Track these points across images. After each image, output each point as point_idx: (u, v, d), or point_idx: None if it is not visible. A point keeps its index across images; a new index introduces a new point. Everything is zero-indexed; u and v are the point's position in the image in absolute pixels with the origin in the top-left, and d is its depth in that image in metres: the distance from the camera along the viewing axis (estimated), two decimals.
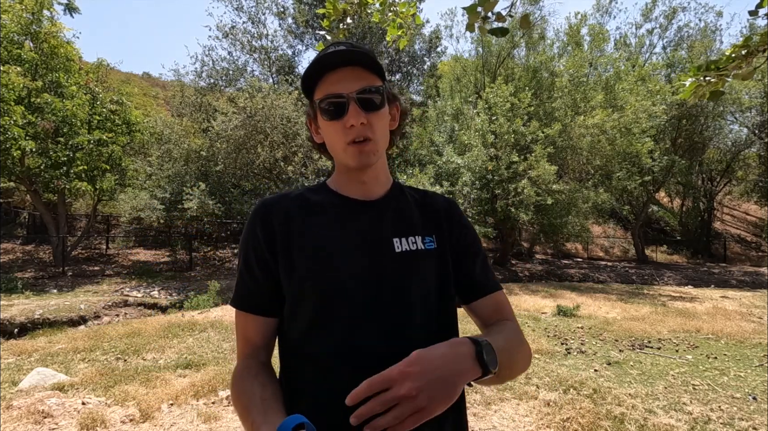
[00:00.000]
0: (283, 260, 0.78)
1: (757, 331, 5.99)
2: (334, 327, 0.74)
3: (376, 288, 0.76)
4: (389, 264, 0.79)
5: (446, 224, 0.89)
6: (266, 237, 0.79)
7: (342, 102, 0.76)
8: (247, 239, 0.81)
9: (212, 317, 6.59)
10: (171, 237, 16.57)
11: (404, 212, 0.87)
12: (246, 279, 0.81)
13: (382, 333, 0.74)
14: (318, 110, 0.80)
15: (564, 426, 2.90)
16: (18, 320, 7.54)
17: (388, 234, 0.82)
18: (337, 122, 0.77)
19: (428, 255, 0.83)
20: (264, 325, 0.81)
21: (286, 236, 0.79)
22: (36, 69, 12.11)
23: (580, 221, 13.66)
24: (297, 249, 0.78)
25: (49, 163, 11.62)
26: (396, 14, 2.25)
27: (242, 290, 0.81)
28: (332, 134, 0.79)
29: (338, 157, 0.82)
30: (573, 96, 13.95)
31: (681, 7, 20.13)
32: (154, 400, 3.19)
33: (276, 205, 0.82)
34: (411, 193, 0.92)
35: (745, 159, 19.73)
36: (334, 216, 0.82)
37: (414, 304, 0.78)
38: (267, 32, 18.39)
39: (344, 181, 0.86)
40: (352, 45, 0.78)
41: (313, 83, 0.80)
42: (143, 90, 27.14)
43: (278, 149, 12.71)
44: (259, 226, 0.80)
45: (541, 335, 5.67)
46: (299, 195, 0.85)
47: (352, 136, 0.76)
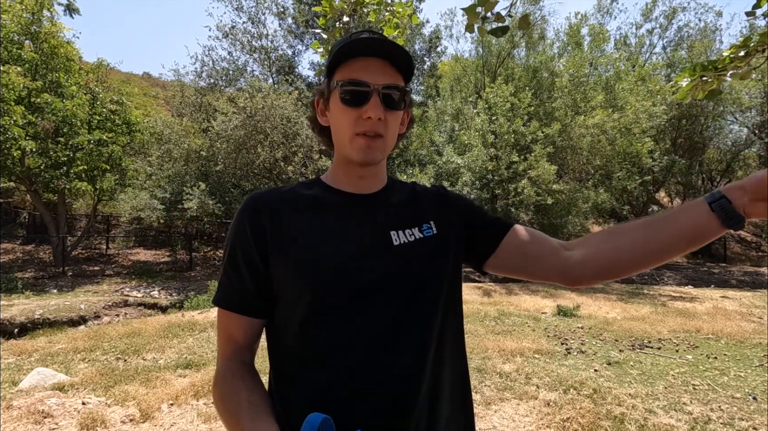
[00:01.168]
0: (273, 259, 0.74)
1: (757, 331, 5.99)
2: (330, 325, 0.71)
3: (375, 284, 0.73)
4: (388, 258, 0.76)
5: (443, 207, 0.87)
6: (255, 235, 0.75)
7: (365, 91, 0.73)
8: (235, 235, 0.76)
9: (212, 317, 6.59)
10: (171, 237, 16.57)
11: (399, 205, 0.84)
12: (231, 276, 0.76)
13: (381, 329, 0.72)
14: (336, 91, 0.76)
15: (564, 426, 2.90)
16: (18, 320, 7.54)
17: (386, 227, 0.79)
18: (354, 110, 0.74)
19: (427, 242, 0.80)
20: (248, 325, 0.77)
21: (276, 234, 0.75)
22: (36, 69, 12.12)
23: (580, 221, 13.66)
24: (288, 247, 0.74)
25: (49, 163, 11.63)
26: (393, 14, 2.25)
27: (227, 288, 0.77)
28: (344, 121, 0.76)
29: (342, 146, 0.79)
30: (573, 96, 13.96)
31: (681, 7, 20.15)
32: (154, 400, 3.19)
33: (266, 201, 0.78)
34: (401, 187, 0.90)
35: (745, 159, 19.72)
36: (327, 211, 0.79)
37: (414, 296, 0.75)
38: (267, 32, 18.41)
39: (341, 175, 0.83)
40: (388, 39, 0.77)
41: (338, 63, 0.77)
42: (143, 90, 27.14)
43: (278, 149, 12.71)
44: (248, 223, 0.75)
45: (541, 335, 5.67)
46: (291, 190, 0.82)
47: (365, 128, 0.74)
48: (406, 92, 0.78)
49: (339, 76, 0.76)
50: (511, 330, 5.89)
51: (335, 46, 0.76)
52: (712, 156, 20.08)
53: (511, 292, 10.10)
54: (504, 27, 1.83)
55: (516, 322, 6.43)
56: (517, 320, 6.60)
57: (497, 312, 7.06)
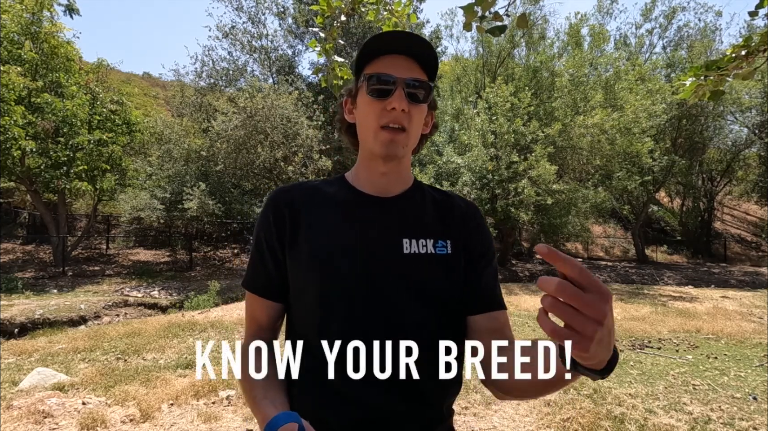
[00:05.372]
0: (289, 251, 0.80)
1: (758, 331, 5.99)
2: (332, 323, 0.75)
3: (376, 288, 0.75)
4: (394, 264, 0.77)
5: (464, 230, 0.84)
6: (276, 226, 0.81)
7: (390, 84, 0.76)
8: (261, 225, 0.83)
9: (212, 317, 6.59)
10: (171, 237, 16.57)
11: (419, 213, 0.83)
12: (256, 262, 0.83)
13: (379, 333, 0.73)
14: (363, 85, 0.79)
15: (564, 426, 2.90)
16: (18, 320, 7.54)
17: (398, 234, 0.79)
18: (379, 102, 0.76)
19: (438, 261, 0.79)
20: (270, 308, 0.83)
21: (294, 227, 0.80)
22: (36, 69, 12.12)
23: (580, 221, 13.66)
24: (303, 241, 0.79)
25: (49, 163, 11.62)
26: (391, 13, 2.24)
27: (252, 272, 0.84)
28: (369, 113, 0.78)
29: (367, 140, 0.80)
30: (573, 96, 13.95)
31: (681, 7, 20.15)
32: (155, 400, 3.18)
33: (289, 195, 0.83)
34: (432, 193, 0.89)
35: (745, 159, 19.71)
36: (343, 211, 0.82)
37: (415, 309, 0.75)
38: (267, 32, 18.41)
39: (364, 172, 0.84)
40: (415, 35, 0.79)
41: (366, 60, 0.80)
42: (143, 90, 27.14)
43: (278, 149, 12.71)
44: (272, 214, 0.82)
45: (541, 335, 5.68)
46: (314, 186, 0.86)
47: (389, 120, 0.76)
48: (430, 87, 0.80)
49: (367, 70, 0.79)
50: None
51: (373, 38, 0.78)
52: (712, 156, 20.08)
53: (511, 292, 10.10)
54: (502, 26, 1.82)
55: (516, 322, 6.43)
56: (517, 320, 6.60)
57: None
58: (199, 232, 16.38)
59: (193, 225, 15.63)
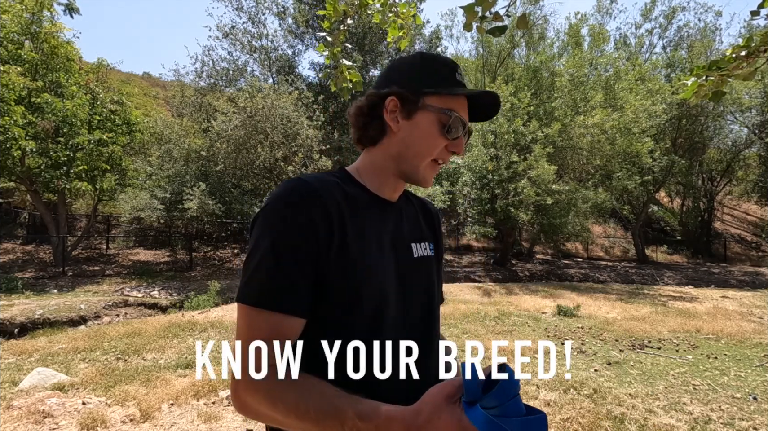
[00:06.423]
0: (338, 258, 0.69)
1: (758, 331, 5.99)
2: (384, 330, 0.73)
3: (403, 292, 0.78)
4: (409, 268, 0.80)
5: (438, 232, 0.94)
6: (325, 227, 0.68)
7: (462, 129, 0.79)
8: (294, 224, 0.67)
9: (212, 317, 6.59)
10: (171, 237, 16.57)
11: (416, 217, 0.89)
12: (286, 270, 0.66)
13: (404, 335, 0.76)
14: (435, 114, 0.76)
15: (564, 426, 2.90)
16: (18, 320, 7.54)
17: (409, 238, 0.83)
18: (445, 139, 0.78)
19: (432, 263, 0.87)
20: (300, 326, 0.68)
21: (342, 231, 0.70)
22: (36, 69, 12.11)
23: (580, 221, 13.66)
24: (353, 247, 0.70)
25: (49, 163, 11.62)
26: (397, 15, 2.25)
27: (277, 286, 0.65)
28: (431, 144, 0.78)
29: (411, 164, 0.79)
30: (573, 96, 13.96)
31: (681, 7, 20.18)
32: (155, 400, 3.18)
33: (328, 194, 0.71)
34: (412, 198, 0.94)
35: (745, 159, 19.72)
36: (374, 215, 0.78)
37: (422, 308, 0.82)
38: (267, 32, 18.40)
39: (379, 179, 0.81)
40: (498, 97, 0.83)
41: (437, 83, 0.77)
42: (143, 90, 27.13)
43: (278, 149, 12.70)
44: (318, 214, 0.68)
45: (541, 335, 5.68)
46: (336, 185, 0.75)
47: (444, 157, 0.80)
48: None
49: (442, 102, 0.77)
50: (512, 330, 5.89)
51: (445, 66, 0.79)
52: (712, 156, 20.08)
53: (511, 292, 10.10)
54: (502, 26, 1.82)
55: (516, 322, 6.43)
56: (517, 320, 6.60)
57: (497, 312, 7.06)
58: (199, 232, 16.38)
59: (193, 225, 15.62)
